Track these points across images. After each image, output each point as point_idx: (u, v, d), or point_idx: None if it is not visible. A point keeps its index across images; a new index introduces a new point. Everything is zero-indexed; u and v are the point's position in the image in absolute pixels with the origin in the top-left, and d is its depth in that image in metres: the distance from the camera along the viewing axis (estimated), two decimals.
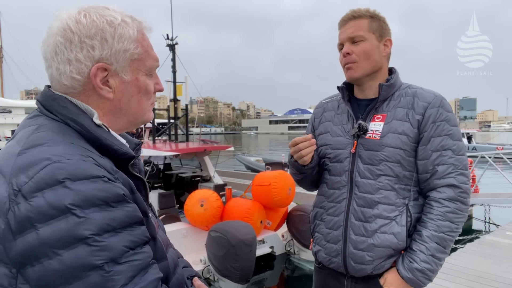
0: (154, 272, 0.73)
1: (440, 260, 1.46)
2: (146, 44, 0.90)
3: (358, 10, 1.56)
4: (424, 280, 1.46)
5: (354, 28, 1.53)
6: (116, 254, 0.67)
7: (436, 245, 1.44)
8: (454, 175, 1.45)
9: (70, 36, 0.80)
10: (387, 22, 1.59)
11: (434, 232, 1.44)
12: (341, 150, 1.60)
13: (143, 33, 0.90)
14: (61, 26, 0.81)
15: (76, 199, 0.66)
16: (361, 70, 1.54)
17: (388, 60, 1.62)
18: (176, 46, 10.84)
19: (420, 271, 1.44)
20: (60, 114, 0.81)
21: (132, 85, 0.88)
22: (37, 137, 0.75)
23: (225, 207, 6.34)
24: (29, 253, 0.64)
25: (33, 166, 0.68)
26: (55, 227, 0.64)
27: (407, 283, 1.47)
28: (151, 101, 0.94)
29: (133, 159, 0.86)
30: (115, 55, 0.84)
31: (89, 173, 0.69)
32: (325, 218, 1.65)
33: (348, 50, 1.54)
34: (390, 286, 1.49)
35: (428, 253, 1.43)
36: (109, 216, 0.68)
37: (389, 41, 1.58)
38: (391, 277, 1.50)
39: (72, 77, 0.81)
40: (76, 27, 0.81)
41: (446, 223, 1.44)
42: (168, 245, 0.98)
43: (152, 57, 0.92)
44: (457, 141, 1.48)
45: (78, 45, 0.80)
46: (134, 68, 0.87)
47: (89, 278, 0.64)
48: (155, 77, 0.95)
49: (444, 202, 1.45)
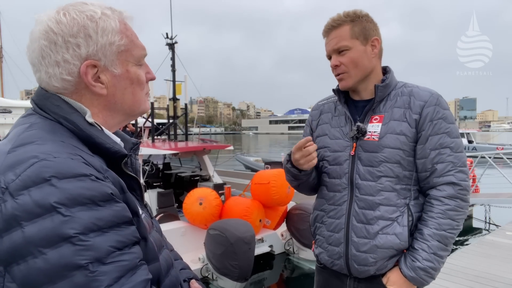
0: (142, 273, 0.72)
1: (442, 258, 1.45)
2: (130, 34, 0.88)
3: (338, 18, 1.52)
4: (427, 279, 1.45)
5: (337, 39, 1.51)
6: (102, 254, 0.66)
7: (437, 243, 1.43)
8: (453, 173, 1.44)
9: (53, 38, 0.79)
10: (371, 19, 1.54)
11: (435, 230, 1.43)
12: (340, 152, 1.59)
13: (125, 23, 0.88)
14: (42, 29, 0.80)
15: (61, 197, 0.65)
16: (352, 79, 1.53)
17: (380, 58, 1.59)
18: (176, 45, 10.82)
19: (422, 269, 1.43)
20: (53, 112, 0.80)
21: (123, 78, 0.87)
22: (27, 135, 0.75)
23: (224, 206, 6.32)
24: (14, 251, 0.64)
25: (20, 164, 0.68)
26: (41, 226, 0.63)
27: (410, 282, 1.46)
28: (145, 91, 0.93)
29: (126, 158, 0.84)
30: (102, 50, 0.82)
31: (76, 171, 0.69)
32: (326, 221, 1.64)
33: (336, 63, 1.53)
34: (393, 285, 1.48)
35: (430, 252, 1.43)
36: (95, 216, 0.67)
37: (376, 40, 1.53)
38: (394, 276, 1.49)
39: (62, 79, 0.81)
40: (57, 27, 0.79)
41: (447, 220, 1.43)
42: (162, 246, 0.97)
43: (138, 46, 0.90)
44: (455, 138, 1.47)
45: (63, 45, 0.79)
46: (123, 60, 0.86)
47: (73, 278, 0.63)
48: (145, 66, 0.93)
49: (444, 200, 1.44)
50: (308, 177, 1.64)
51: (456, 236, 1.48)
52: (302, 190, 1.76)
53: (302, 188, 1.73)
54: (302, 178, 1.62)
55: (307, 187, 1.71)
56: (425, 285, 1.49)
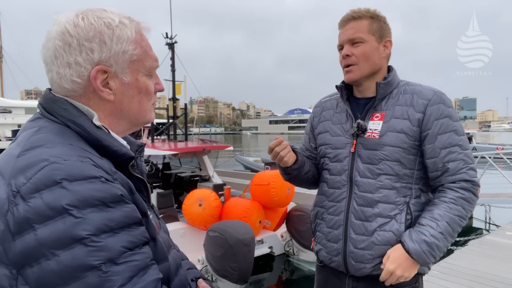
0: (153, 273, 0.73)
1: (447, 242, 1.42)
2: (145, 45, 0.90)
3: (359, 11, 1.54)
4: (429, 257, 1.41)
5: (354, 30, 1.52)
6: (114, 255, 0.67)
7: (446, 225, 1.41)
8: (465, 170, 1.46)
9: (68, 40, 0.81)
10: (388, 22, 1.57)
11: (446, 212, 1.43)
12: (340, 149, 1.60)
13: (142, 34, 0.90)
14: (59, 30, 0.82)
15: (73, 199, 0.66)
16: (360, 72, 1.54)
17: (388, 60, 1.62)
18: (176, 45, 10.82)
19: (428, 244, 1.39)
20: (61, 116, 0.81)
21: (132, 86, 0.88)
22: (36, 138, 0.75)
23: (223, 207, 6.31)
24: (27, 254, 0.65)
25: (31, 167, 0.69)
26: (53, 228, 0.64)
27: (412, 256, 1.41)
28: (152, 101, 0.95)
29: (133, 160, 0.86)
30: (114, 57, 0.84)
31: (87, 173, 0.70)
32: (325, 217, 1.65)
33: (347, 52, 1.54)
34: (393, 263, 1.42)
35: (438, 230, 1.41)
36: (106, 217, 0.68)
37: (389, 42, 1.57)
38: (395, 252, 1.44)
39: (72, 81, 0.82)
40: (74, 30, 0.81)
41: (458, 207, 1.44)
42: (170, 246, 0.98)
43: (151, 57, 0.92)
44: (461, 136, 1.48)
45: (77, 48, 0.81)
46: (134, 69, 0.88)
47: (87, 279, 0.64)
48: (155, 77, 0.95)
49: (459, 190, 1.45)
50: (299, 172, 1.67)
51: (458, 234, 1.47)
52: (294, 183, 1.80)
53: (294, 181, 1.76)
54: (291, 173, 1.67)
55: (299, 181, 1.75)
56: (424, 265, 1.45)
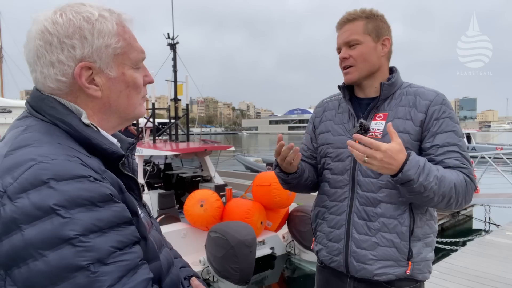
0: (143, 272, 0.72)
1: (436, 187, 1.32)
2: (128, 37, 0.87)
3: (354, 12, 1.55)
4: (418, 175, 1.30)
5: (349, 32, 1.53)
6: (103, 255, 0.66)
7: (443, 178, 1.34)
8: (462, 169, 1.45)
9: (49, 38, 0.79)
10: (386, 20, 1.57)
11: (445, 171, 1.38)
12: (342, 149, 1.60)
13: (124, 25, 0.87)
14: (38, 29, 0.80)
15: (60, 199, 0.65)
16: (358, 73, 1.55)
17: (389, 58, 1.61)
18: (177, 45, 10.82)
19: (422, 167, 1.31)
20: (48, 114, 0.80)
21: (119, 81, 0.86)
22: (24, 138, 0.74)
23: (225, 208, 6.31)
24: (15, 254, 0.64)
25: (18, 167, 0.68)
26: (40, 228, 0.63)
27: (407, 158, 1.30)
28: (141, 94, 0.92)
29: (123, 158, 0.84)
30: (97, 52, 0.81)
31: (75, 173, 0.69)
32: (327, 217, 1.65)
33: (345, 55, 1.55)
34: (388, 149, 1.27)
35: (438, 173, 1.34)
36: (95, 216, 0.67)
37: (387, 40, 1.56)
38: (398, 146, 1.30)
39: (57, 79, 0.80)
40: (53, 28, 0.79)
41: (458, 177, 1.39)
42: (162, 245, 0.97)
43: (137, 49, 0.89)
44: (461, 137, 1.49)
45: (58, 46, 0.79)
46: (119, 63, 0.85)
47: (75, 279, 0.63)
48: (143, 69, 0.92)
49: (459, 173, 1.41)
50: (299, 180, 1.65)
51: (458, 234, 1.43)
52: (296, 191, 1.80)
53: (295, 189, 1.75)
54: (291, 182, 1.66)
55: (300, 188, 1.74)
56: (405, 176, 1.29)
